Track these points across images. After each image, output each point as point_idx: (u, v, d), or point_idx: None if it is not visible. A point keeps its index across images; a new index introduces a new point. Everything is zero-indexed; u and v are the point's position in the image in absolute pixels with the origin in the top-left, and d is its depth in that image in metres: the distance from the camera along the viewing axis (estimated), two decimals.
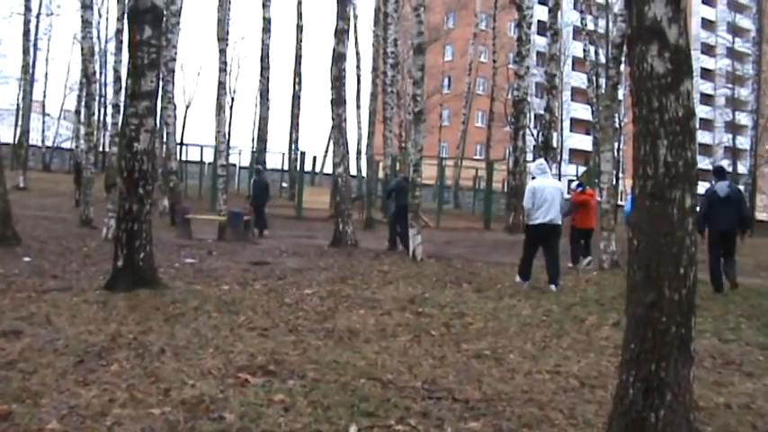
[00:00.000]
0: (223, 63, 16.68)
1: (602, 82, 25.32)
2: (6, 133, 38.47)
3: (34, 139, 39.39)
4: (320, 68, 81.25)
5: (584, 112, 46.29)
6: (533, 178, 9.16)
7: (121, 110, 10.18)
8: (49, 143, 42.08)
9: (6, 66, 80.00)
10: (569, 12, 41.77)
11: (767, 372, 4.99)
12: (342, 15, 14.15)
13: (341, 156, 14.27)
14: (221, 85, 16.71)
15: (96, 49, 22.26)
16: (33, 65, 31.48)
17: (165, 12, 10.66)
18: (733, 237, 9.26)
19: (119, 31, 15.69)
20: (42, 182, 28.85)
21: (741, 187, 18.45)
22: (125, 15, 10.40)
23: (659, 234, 3.15)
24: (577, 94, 51.47)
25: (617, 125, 26.34)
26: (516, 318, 6.67)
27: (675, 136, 3.16)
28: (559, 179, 34.06)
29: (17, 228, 11.32)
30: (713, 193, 9.24)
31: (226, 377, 4.21)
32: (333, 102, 14.19)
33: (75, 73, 61.23)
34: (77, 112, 30.71)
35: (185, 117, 41.90)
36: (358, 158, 30.49)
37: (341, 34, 14.09)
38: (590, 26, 28.19)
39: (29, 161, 30.64)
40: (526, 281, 8.91)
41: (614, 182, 19.65)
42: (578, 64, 45.29)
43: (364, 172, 27.93)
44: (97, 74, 20.84)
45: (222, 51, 16.63)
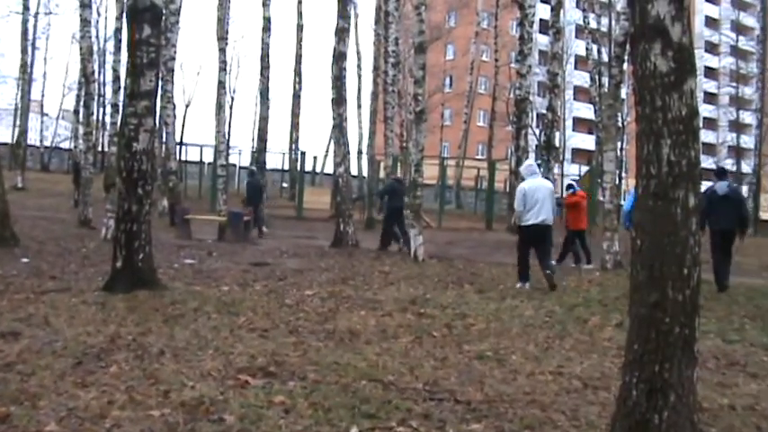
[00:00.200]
0: (223, 62, 16.71)
1: (604, 81, 25.26)
2: (4, 133, 38.54)
3: (32, 139, 39.48)
4: (321, 68, 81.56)
5: (586, 112, 46.37)
6: (523, 180, 9.16)
7: (120, 109, 10.20)
8: (48, 143, 42.12)
9: (5, 65, 80.00)
10: (572, 10, 41.74)
11: None
12: (342, 14, 14.16)
13: (341, 155, 14.27)
14: (221, 85, 16.75)
15: (95, 49, 22.32)
16: (32, 64, 31.49)
17: (165, 10, 10.67)
18: (732, 236, 9.26)
19: (118, 30, 15.70)
20: (41, 182, 28.88)
21: (744, 187, 18.43)
22: (124, 14, 10.40)
23: (662, 234, 3.15)
24: (580, 93, 51.53)
25: (620, 124, 26.28)
26: (519, 319, 6.67)
27: (679, 135, 3.16)
28: (562, 179, 34.11)
29: (15, 228, 11.33)
30: (713, 192, 9.26)
31: (226, 379, 4.21)
32: (333, 101, 14.19)
33: (73, 72, 61.35)
34: (76, 112, 30.73)
35: (185, 117, 42.07)
36: (359, 158, 30.54)
37: (341, 33, 14.10)
38: (592, 24, 28.17)
39: (27, 161, 30.68)
40: (526, 282, 8.93)
41: (617, 181, 19.63)
42: (581, 63, 45.31)
43: (365, 172, 27.96)
44: (96, 73, 20.84)
45: (222, 50, 16.66)
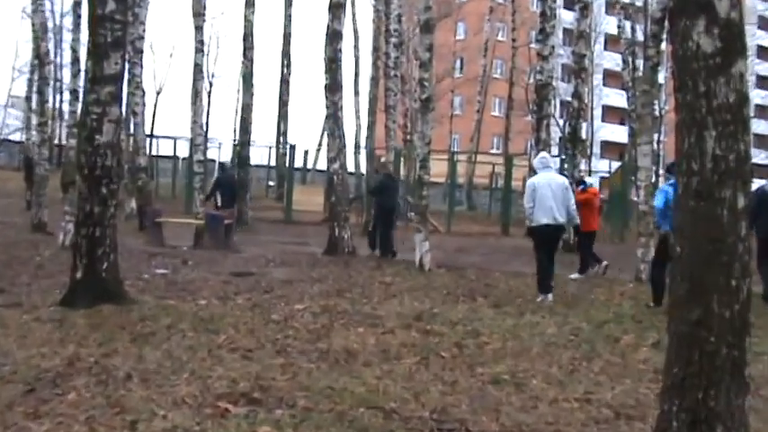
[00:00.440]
0: (200, 42, 16.75)
1: (639, 63, 25.35)
2: None
3: None
4: (313, 49, 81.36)
5: (618, 99, 46.35)
6: (535, 173, 9.34)
7: (81, 96, 10.20)
8: None
9: None
10: None
11: None
12: None
13: (337, 150, 14.29)
14: (198, 68, 16.78)
15: (50, 26, 22.37)
16: None
17: None
18: None
19: (77, 4, 15.69)
20: None
21: None
22: None
23: (706, 239, 3.15)
24: (610, 78, 51.58)
25: (657, 113, 26.34)
26: (540, 337, 6.67)
27: (725, 125, 3.16)
28: (590, 176, 34.06)
29: None
30: (763, 192, 9.25)
31: (203, 407, 4.21)
32: (327, 87, 14.20)
33: (24, 53, 61.33)
34: (28, 99, 30.79)
35: (156, 105, 42.07)
36: (356, 153, 30.55)
37: (336, 9, 14.11)
38: None
39: None
40: (548, 293, 8.99)
41: (653, 179, 19.63)
42: (612, 42, 45.41)
43: (363, 168, 27.97)
44: (51, 54, 20.92)
45: (199, 29, 16.69)
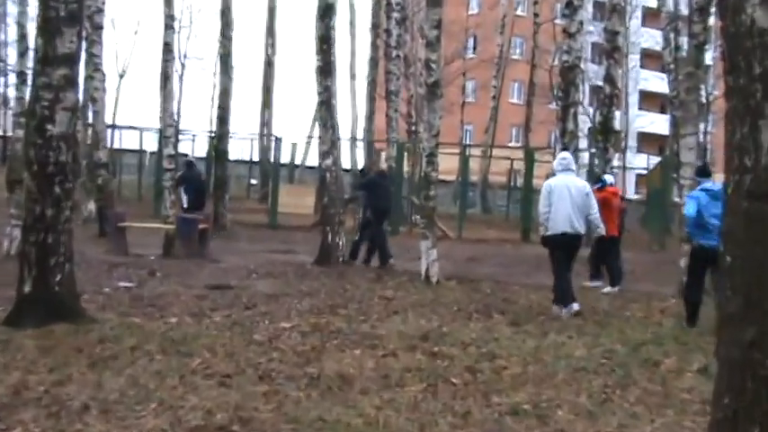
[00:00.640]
0: (170, 17, 16.73)
1: (683, 41, 25.32)
2: None
3: None
4: (302, 26, 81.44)
5: (657, 83, 46.39)
6: (553, 175, 9.51)
7: (29, 80, 10.20)
8: None
9: None
10: None
11: None
12: None
13: (330, 143, 14.29)
14: (167, 48, 16.76)
15: None
16: None
17: None
18: None
19: None
20: None
21: None
22: None
23: (761, 246, 3.15)
24: (649, 59, 51.62)
25: (703, 100, 26.34)
26: (566, 360, 6.66)
27: None
28: (624, 173, 34.05)
29: None
30: None
31: None
32: (319, 70, 14.20)
33: None
34: None
35: (118, 90, 42.02)
36: (352, 146, 30.56)
37: None
38: None
39: None
40: (567, 304, 9.11)
41: None
42: (650, 17, 45.45)
43: (360, 164, 27.97)
44: None
45: (168, 1, 16.68)
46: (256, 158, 33.69)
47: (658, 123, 50.50)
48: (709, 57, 19.77)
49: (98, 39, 18.65)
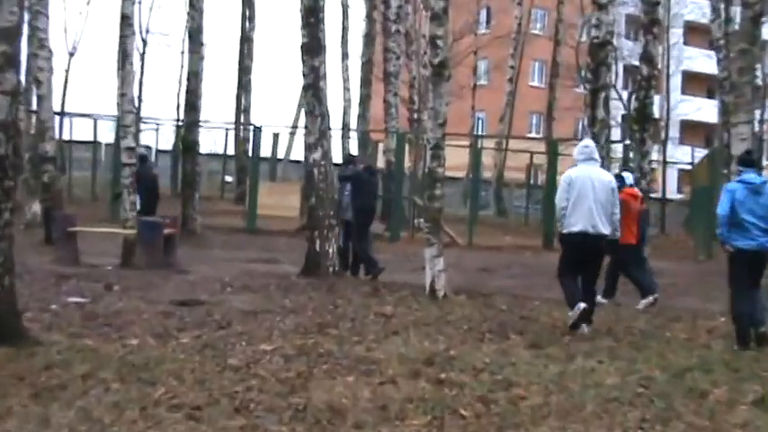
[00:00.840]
0: None
1: (735, 12, 25.30)
2: None
3: None
4: None
5: (704, 63, 46.57)
6: (575, 165, 9.60)
7: None
8: None
9: None
10: None
11: None
12: None
13: (318, 133, 14.28)
14: (126, 21, 16.72)
15: None
16: None
17: None
18: None
19: None
20: None
21: None
22: None
23: None
24: (694, 34, 51.75)
25: (759, 82, 26.33)
26: (595, 390, 6.66)
27: None
28: (664, 168, 34.02)
29: None
30: None
31: None
32: (305, 48, 14.22)
33: None
34: None
35: (68, 72, 41.83)
36: (344, 137, 30.65)
37: None
38: None
39: None
40: (575, 306, 9.19)
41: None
42: None
43: None
44: None
45: None
46: (231, 152, 33.80)
47: (705, 110, 50.49)
48: (766, 31, 19.66)
49: (43, 10, 18.70)
